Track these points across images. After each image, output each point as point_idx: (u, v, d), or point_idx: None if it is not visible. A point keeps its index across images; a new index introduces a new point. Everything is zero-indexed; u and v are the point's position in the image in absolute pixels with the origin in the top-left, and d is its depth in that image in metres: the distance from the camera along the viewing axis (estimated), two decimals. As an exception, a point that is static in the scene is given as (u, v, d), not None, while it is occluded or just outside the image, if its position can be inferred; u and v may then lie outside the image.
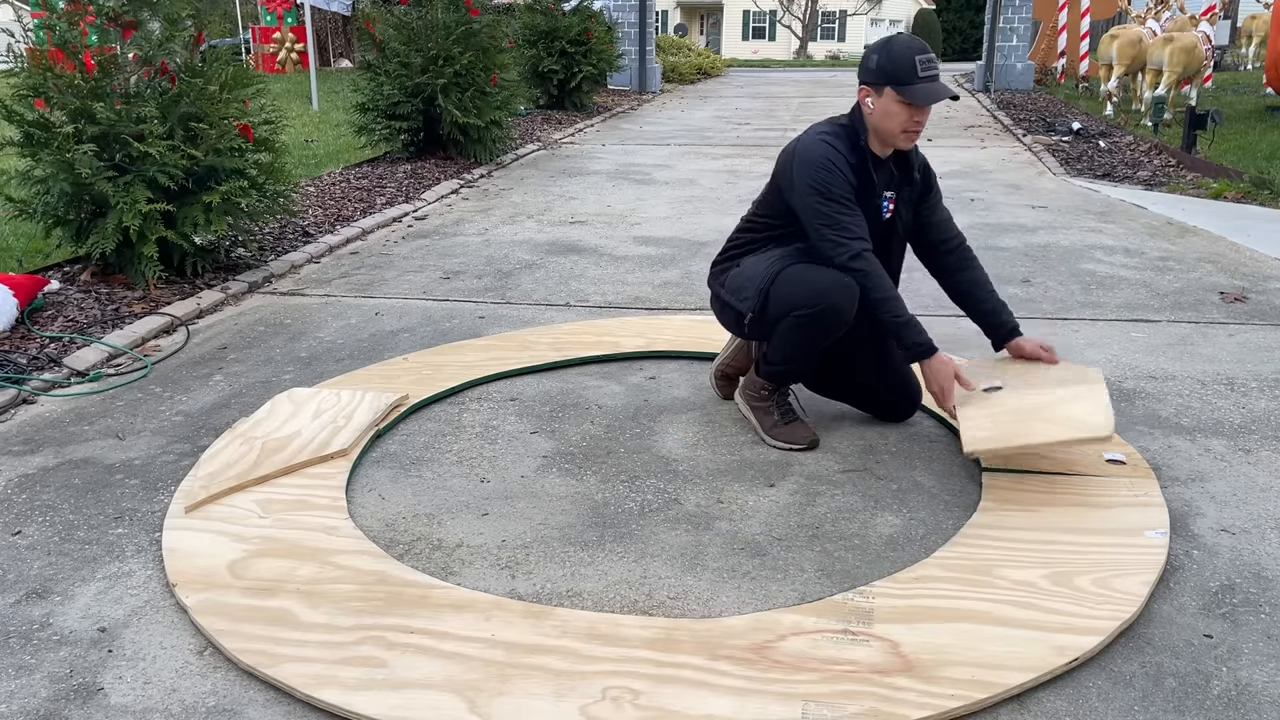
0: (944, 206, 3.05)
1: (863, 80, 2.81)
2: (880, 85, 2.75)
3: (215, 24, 21.87)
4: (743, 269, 3.01)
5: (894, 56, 2.73)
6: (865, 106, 2.81)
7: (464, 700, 1.87)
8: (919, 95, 2.72)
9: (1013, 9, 15.44)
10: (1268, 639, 2.08)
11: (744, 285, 2.98)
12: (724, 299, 3.08)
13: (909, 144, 2.85)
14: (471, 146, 8.39)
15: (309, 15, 12.10)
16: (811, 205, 2.80)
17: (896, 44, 2.77)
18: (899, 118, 2.76)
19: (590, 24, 13.21)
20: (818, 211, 2.79)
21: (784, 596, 2.26)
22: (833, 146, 2.81)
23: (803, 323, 2.85)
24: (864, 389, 3.17)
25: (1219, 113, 8.43)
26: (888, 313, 2.76)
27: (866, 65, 2.80)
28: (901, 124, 2.77)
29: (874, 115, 2.80)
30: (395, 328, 4.21)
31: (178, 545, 2.43)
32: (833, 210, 2.77)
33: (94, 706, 1.91)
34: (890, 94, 2.74)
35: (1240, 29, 19.94)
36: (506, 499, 2.72)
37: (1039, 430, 2.57)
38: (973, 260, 3.02)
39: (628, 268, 5.18)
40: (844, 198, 2.78)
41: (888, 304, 2.76)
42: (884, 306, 2.76)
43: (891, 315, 2.76)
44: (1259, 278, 4.86)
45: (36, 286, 4.18)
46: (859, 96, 2.83)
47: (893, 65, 2.73)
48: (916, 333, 2.76)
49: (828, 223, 2.78)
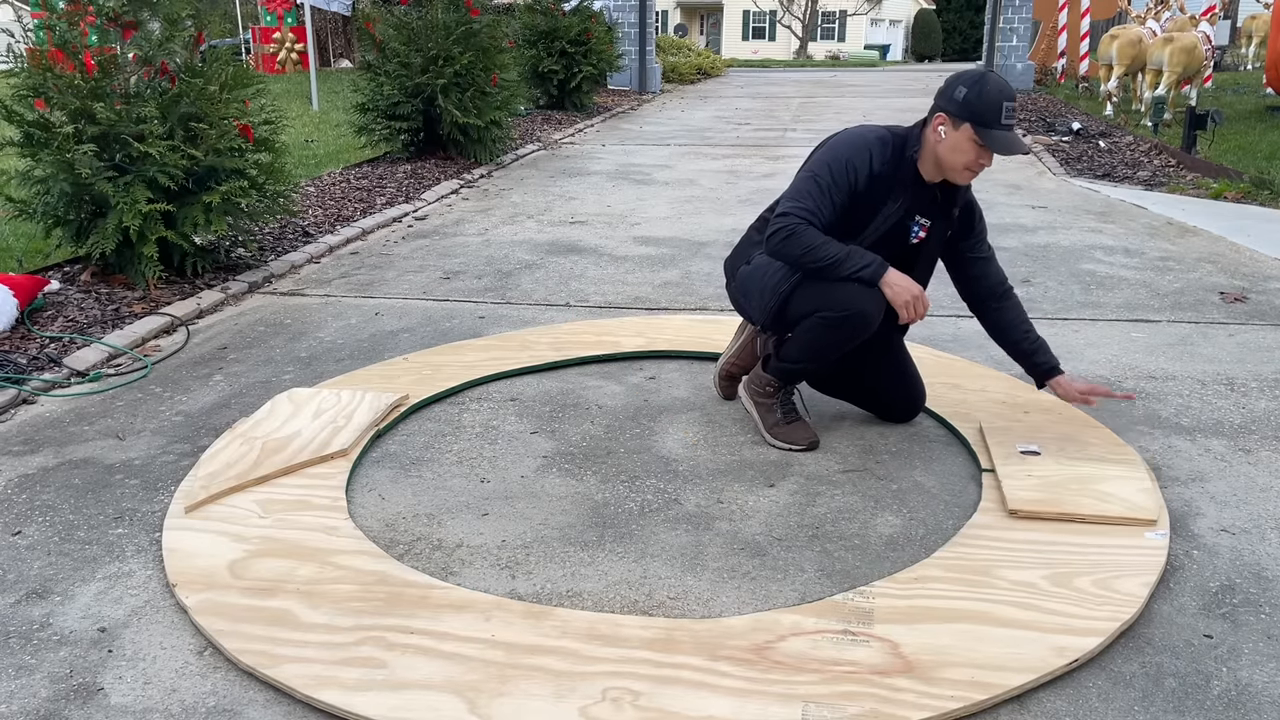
0: (989, 250, 2.99)
1: (942, 107, 2.73)
2: (960, 119, 2.69)
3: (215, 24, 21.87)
4: (755, 266, 2.97)
5: (985, 96, 2.66)
6: (935, 133, 2.75)
7: (464, 701, 1.87)
8: (996, 142, 2.68)
9: (1013, 9, 15.44)
10: (1268, 639, 2.08)
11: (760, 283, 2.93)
12: (737, 295, 3.07)
13: (965, 181, 2.81)
14: (471, 146, 8.39)
15: (309, 15, 12.09)
16: (798, 180, 2.82)
17: (990, 84, 2.68)
18: (967, 155, 2.72)
19: (590, 24, 13.20)
20: (797, 186, 2.81)
21: (784, 597, 2.26)
22: (868, 152, 2.78)
23: (830, 324, 2.82)
24: (869, 392, 3.17)
25: (1219, 113, 8.43)
26: (822, 256, 2.73)
27: (952, 95, 2.71)
28: (966, 162, 2.73)
29: (943, 145, 2.75)
30: (395, 328, 4.21)
31: (178, 545, 2.43)
32: (809, 192, 2.78)
33: (94, 706, 1.91)
34: (968, 130, 2.69)
35: (1240, 29, 19.94)
36: (506, 499, 2.72)
37: (1088, 505, 2.53)
38: (1015, 302, 2.98)
39: (628, 268, 5.18)
40: (827, 188, 2.77)
41: (820, 249, 2.73)
42: (816, 253, 2.74)
43: (827, 256, 2.73)
44: (1259, 278, 4.86)
45: (36, 286, 4.18)
46: (933, 123, 2.76)
47: (981, 105, 2.66)
48: (859, 258, 2.73)
49: (795, 195, 2.80)
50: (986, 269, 2.98)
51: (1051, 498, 2.57)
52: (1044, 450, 2.84)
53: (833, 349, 2.89)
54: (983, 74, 2.75)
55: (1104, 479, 2.67)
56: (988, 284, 2.97)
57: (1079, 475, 2.69)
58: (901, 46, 47.14)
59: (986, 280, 2.98)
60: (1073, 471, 2.71)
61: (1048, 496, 2.58)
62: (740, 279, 3.03)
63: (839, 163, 2.79)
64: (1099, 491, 2.60)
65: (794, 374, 3.02)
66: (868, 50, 44.07)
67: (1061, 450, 2.84)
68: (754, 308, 2.98)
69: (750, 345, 3.25)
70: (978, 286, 2.99)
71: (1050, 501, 2.55)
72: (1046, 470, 2.72)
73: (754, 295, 2.96)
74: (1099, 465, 2.75)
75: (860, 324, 2.80)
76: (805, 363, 2.97)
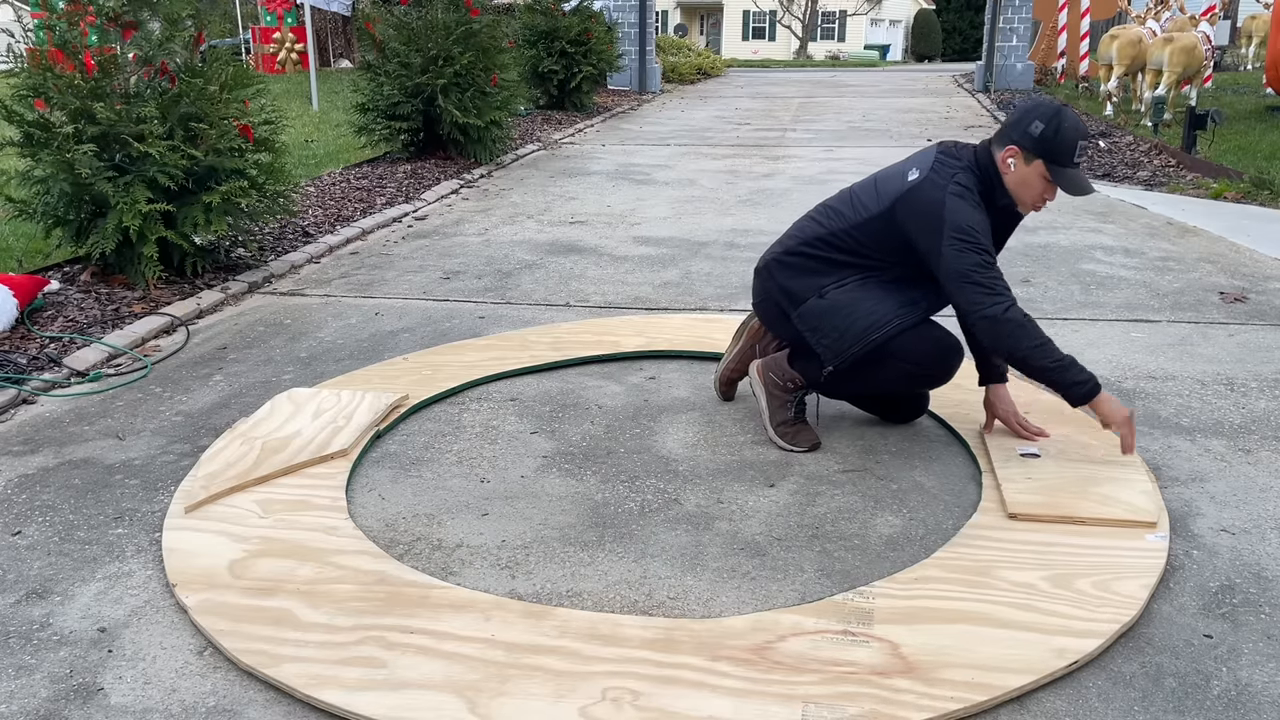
0: None
1: (1015, 140, 2.69)
2: (1034, 155, 2.67)
3: (215, 24, 21.85)
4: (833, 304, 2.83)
5: (1062, 135, 2.64)
6: (1005, 165, 2.72)
7: (464, 701, 1.87)
8: (1069, 182, 2.66)
9: (1013, 9, 15.44)
10: (1268, 639, 2.08)
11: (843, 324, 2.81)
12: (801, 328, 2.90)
13: (1030, 211, 2.80)
14: (471, 146, 8.39)
15: (309, 15, 12.09)
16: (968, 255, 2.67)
17: (1067, 123, 2.65)
18: (1036, 189, 2.71)
19: (590, 24, 13.20)
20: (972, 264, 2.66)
21: (784, 597, 2.26)
22: (979, 205, 2.72)
23: (912, 377, 2.89)
24: (874, 396, 3.17)
25: (1219, 113, 8.42)
26: (1045, 358, 2.64)
27: (1026, 130, 2.67)
28: (1034, 197, 2.73)
29: (1011, 176, 2.72)
30: (395, 328, 4.21)
31: (178, 545, 2.44)
32: (982, 262, 2.67)
33: (94, 706, 1.91)
34: (1040, 167, 2.67)
35: (1240, 29, 19.93)
36: (506, 499, 2.72)
37: (1088, 508, 2.53)
38: None
39: (628, 268, 5.18)
40: (989, 252, 2.70)
41: (1044, 349, 2.64)
42: (1040, 353, 2.64)
43: (1051, 360, 2.64)
44: (1259, 278, 4.86)
45: (36, 286, 4.18)
46: (1003, 153, 2.72)
47: (1058, 142, 2.64)
48: (1078, 373, 2.65)
49: (979, 276, 2.66)
50: None
51: (1051, 501, 2.57)
52: (1043, 452, 2.84)
53: (891, 387, 2.97)
54: (1058, 110, 2.70)
55: (1104, 481, 2.66)
56: None
57: (1079, 477, 2.69)
58: (901, 46, 47.12)
59: None
60: (1073, 474, 2.71)
61: (1047, 500, 2.58)
62: (813, 312, 2.86)
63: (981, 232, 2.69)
64: (1099, 494, 2.60)
65: (834, 391, 3.03)
66: (868, 50, 44.04)
67: (1061, 452, 2.84)
68: (826, 347, 2.84)
69: (750, 351, 3.24)
70: None
71: (1050, 505, 2.55)
72: (1046, 473, 2.72)
73: (828, 334, 2.83)
74: (1099, 467, 2.74)
75: (943, 377, 2.91)
76: (857, 390, 3.04)
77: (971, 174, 2.75)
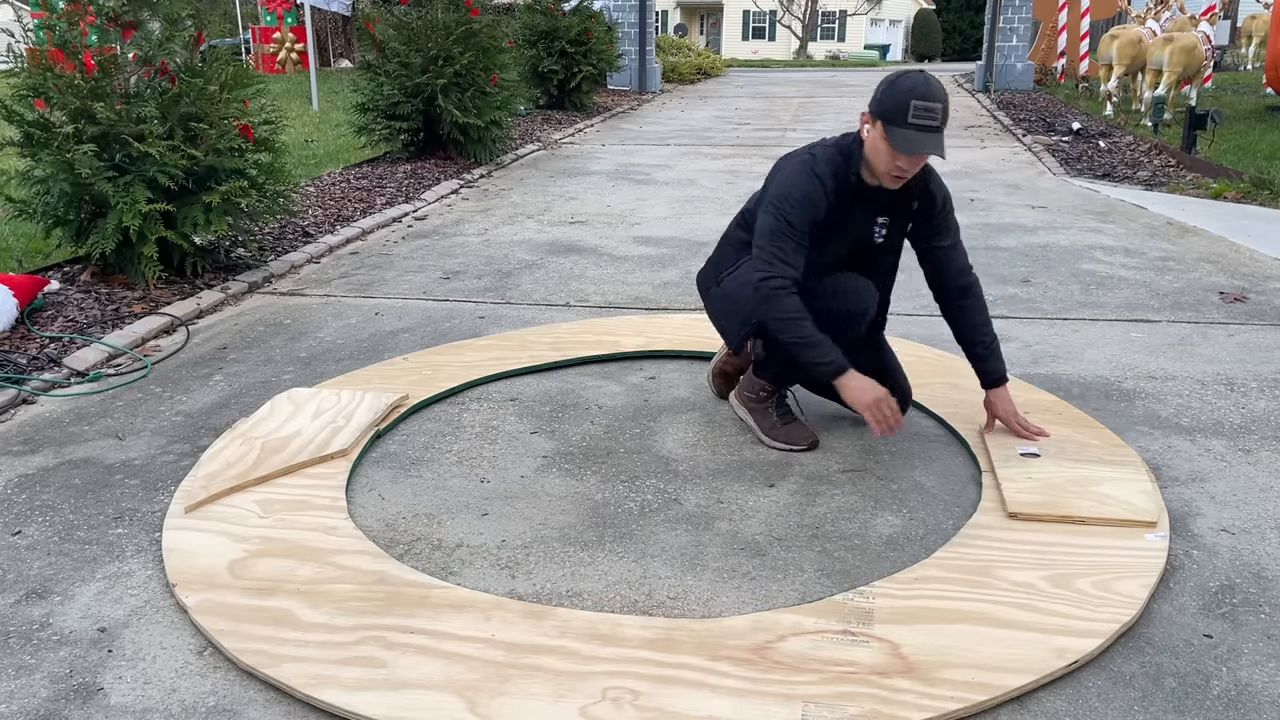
0: (952, 239, 2.92)
1: (869, 106, 2.72)
2: (876, 117, 2.67)
3: (215, 24, 21.85)
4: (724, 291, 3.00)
5: (895, 93, 2.62)
6: (864, 135, 2.74)
7: (464, 701, 1.87)
8: (900, 141, 2.62)
9: (1013, 9, 15.44)
10: (1268, 639, 2.08)
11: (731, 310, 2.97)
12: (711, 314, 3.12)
13: (892, 186, 2.74)
14: (471, 146, 8.39)
15: (309, 15, 12.09)
16: (768, 221, 2.74)
17: (901, 82, 2.64)
18: (884, 156, 2.67)
19: (590, 24, 13.20)
20: (767, 230, 2.74)
21: (784, 597, 2.26)
22: (817, 176, 2.73)
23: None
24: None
25: (1219, 113, 8.42)
26: (793, 334, 2.70)
27: (875, 94, 2.69)
28: (886, 165, 2.68)
29: (867, 144, 2.73)
30: (395, 328, 4.21)
31: (178, 545, 2.44)
32: (775, 230, 2.71)
33: (94, 706, 1.91)
34: (879, 129, 2.66)
35: (1240, 29, 19.94)
36: (506, 499, 2.72)
37: (1088, 507, 2.53)
38: (975, 301, 2.92)
39: (628, 268, 5.18)
40: (791, 224, 2.71)
41: (793, 325, 2.69)
42: (787, 327, 2.70)
43: (798, 336, 2.69)
44: (1259, 278, 4.86)
45: (36, 286, 4.18)
46: (860, 120, 2.76)
47: (891, 101, 2.62)
48: (824, 353, 2.70)
49: (763, 242, 2.73)
50: (948, 257, 2.90)
51: (1051, 500, 2.57)
52: (1043, 451, 2.84)
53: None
54: (905, 72, 2.71)
55: (1103, 481, 2.66)
56: (950, 273, 2.90)
57: (1078, 477, 2.69)
58: (901, 46, 47.11)
59: (949, 269, 2.90)
60: (1072, 473, 2.71)
61: (1047, 499, 2.57)
62: (714, 301, 3.07)
63: (795, 203, 2.72)
64: (1098, 494, 2.60)
65: (785, 376, 3.03)
66: (868, 50, 44.06)
67: (1061, 451, 2.84)
68: (729, 331, 3.04)
69: (742, 344, 3.25)
70: (941, 275, 2.92)
71: (1049, 504, 2.55)
72: (1046, 472, 2.72)
73: (725, 319, 3.03)
74: (1098, 467, 2.75)
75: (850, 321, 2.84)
76: (797, 377, 3.03)
77: (835, 150, 2.78)
